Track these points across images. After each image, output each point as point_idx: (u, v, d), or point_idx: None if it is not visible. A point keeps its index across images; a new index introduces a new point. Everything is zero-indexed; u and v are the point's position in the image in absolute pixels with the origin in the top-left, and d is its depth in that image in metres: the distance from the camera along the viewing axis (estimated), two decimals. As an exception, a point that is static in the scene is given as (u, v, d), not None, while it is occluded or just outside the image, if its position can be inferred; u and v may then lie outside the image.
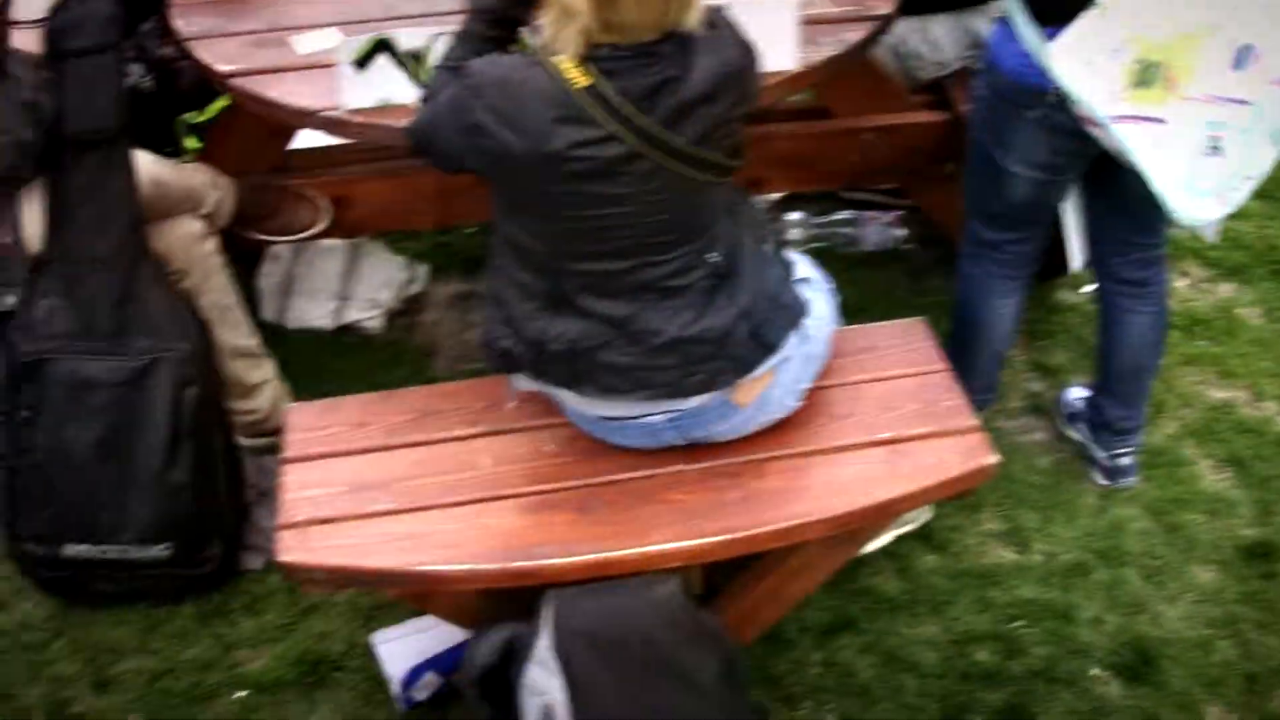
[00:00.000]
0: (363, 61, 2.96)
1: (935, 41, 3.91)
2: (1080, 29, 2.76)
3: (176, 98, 3.57)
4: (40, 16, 3.01)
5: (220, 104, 3.74)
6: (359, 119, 3.00)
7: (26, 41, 2.99)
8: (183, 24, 3.31)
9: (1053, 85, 2.83)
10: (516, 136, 2.36)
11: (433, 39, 2.94)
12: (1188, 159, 2.76)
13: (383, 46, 2.96)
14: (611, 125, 2.35)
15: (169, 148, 3.64)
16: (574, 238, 2.49)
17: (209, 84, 3.31)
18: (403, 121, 2.65)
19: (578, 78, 2.34)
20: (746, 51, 2.47)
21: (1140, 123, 2.76)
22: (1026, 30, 2.89)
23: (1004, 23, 3.00)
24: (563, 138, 2.35)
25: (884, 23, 3.36)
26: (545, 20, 2.39)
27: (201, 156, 3.65)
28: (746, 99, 2.49)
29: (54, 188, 3.04)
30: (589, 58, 2.35)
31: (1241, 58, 2.73)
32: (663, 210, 2.46)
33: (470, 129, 2.40)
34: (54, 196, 3.05)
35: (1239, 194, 2.82)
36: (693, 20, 2.38)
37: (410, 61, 2.97)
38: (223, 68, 3.16)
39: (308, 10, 3.36)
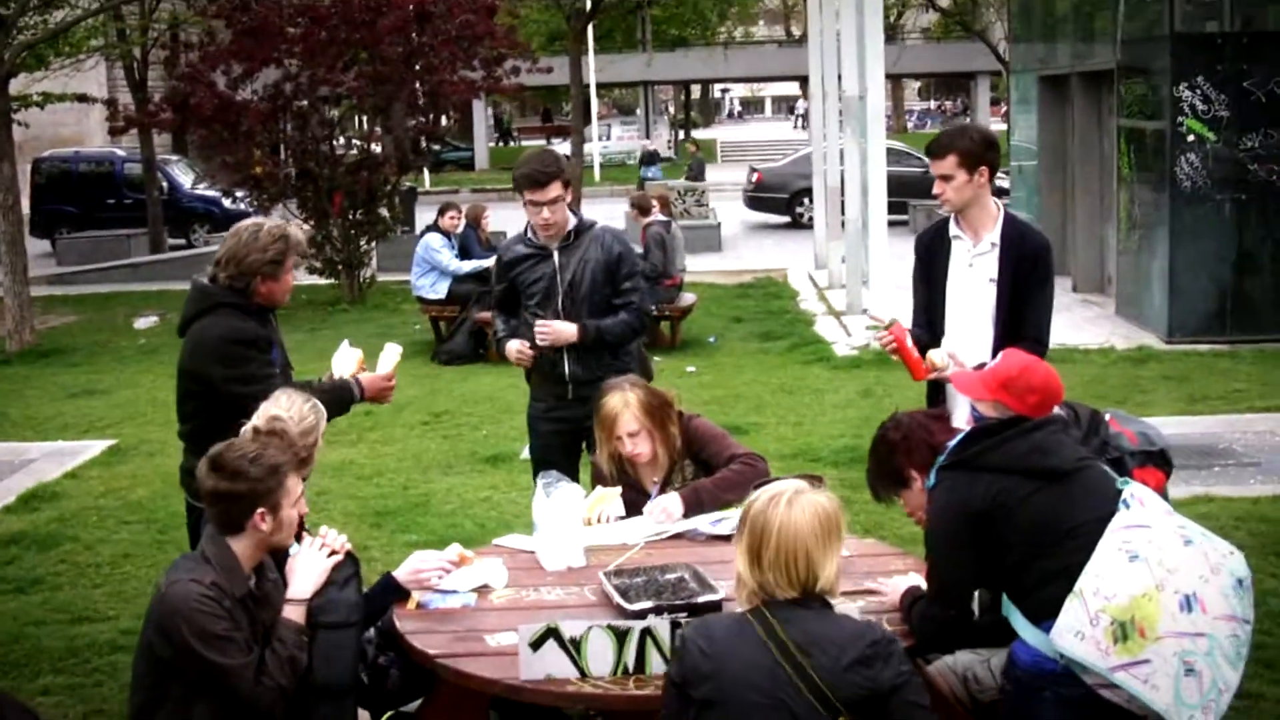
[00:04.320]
0: (536, 644, 4.00)
1: (996, 669, 4.75)
2: (1066, 614, 3.79)
3: (384, 695, 4.60)
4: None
5: None
6: (530, 686, 4.00)
7: (293, 613, 4.12)
8: (402, 624, 4.41)
9: (1060, 663, 3.78)
10: None
11: (587, 630, 3.99)
12: (1172, 682, 3.73)
13: (551, 633, 4.01)
14: None
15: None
16: None
17: (410, 684, 4.37)
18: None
19: None
20: None
21: (1131, 668, 3.71)
22: (1028, 631, 3.89)
23: (1019, 639, 4.00)
24: None
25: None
26: None
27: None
28: None
29: (292, 727, 4.06)
30: None
31: (1188, 603, 3.72)
32: None
33: None
34: (294, 735, 4.06)
35: (1219, 703, 3.78)
36: None
37: (571, 646, 4.00)
38: (432, 651, 4.22)
39: (498, 619, 4.45)
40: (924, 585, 4.45)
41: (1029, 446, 4.13)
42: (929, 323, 5.94)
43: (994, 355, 5.18)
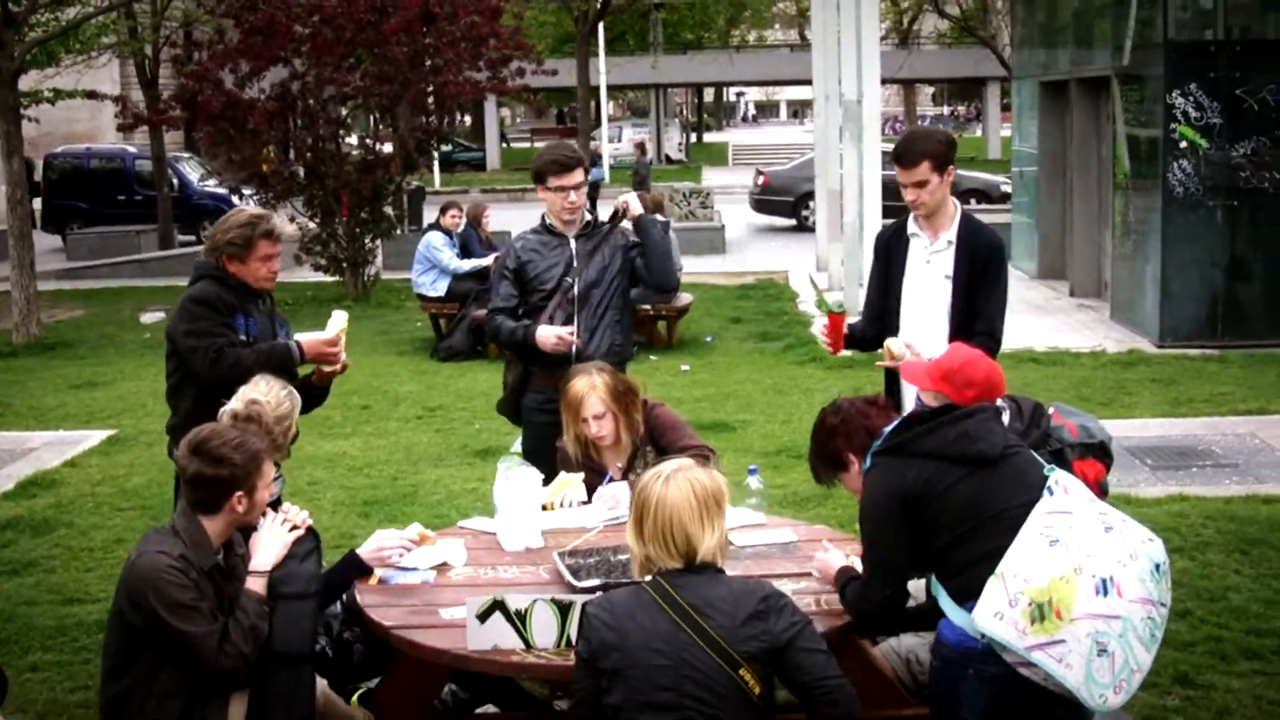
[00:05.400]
0: (484, 616, 4.19)
1: None
2: (987, 595, 3.96)
3: (350, 669, 4.80)
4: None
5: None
6: (476, 656, 4.19)
7: (255, 584, 4.32)
8: (362, 598, 4.61)
9: (981, 642, 3.96)
10: None
11: (532, 603, 4.18)
12: (1084, 662, 3.89)
13: (498, 606, 4.20)
14: None
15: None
16: None
17: (375, 660, 4.56)
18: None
19: None
20: None
21: (1047, 647, 3.89)
22: (953, 611, 4.06)
23: (946, 617, 4.18)
24: None
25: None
26: None
27: (369, 703, 4.81)
28: None
29: (253, 693, 4.24)
30: None
31: (1104, 587, 3.88)
32: None
33: None
34: (253, 700, 4.24)
35: (1131, 683, 3.95)
36: None
37: (516, 619, 4.19)
38: (387, 623, 4.43)
39: (453, 595, 4.65)
40: (857, 565, 4.63)
41: (958, 433, 4.29)
42: (878, 317, 6.12)
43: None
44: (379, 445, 11.05)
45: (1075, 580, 3.95)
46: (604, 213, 6.78)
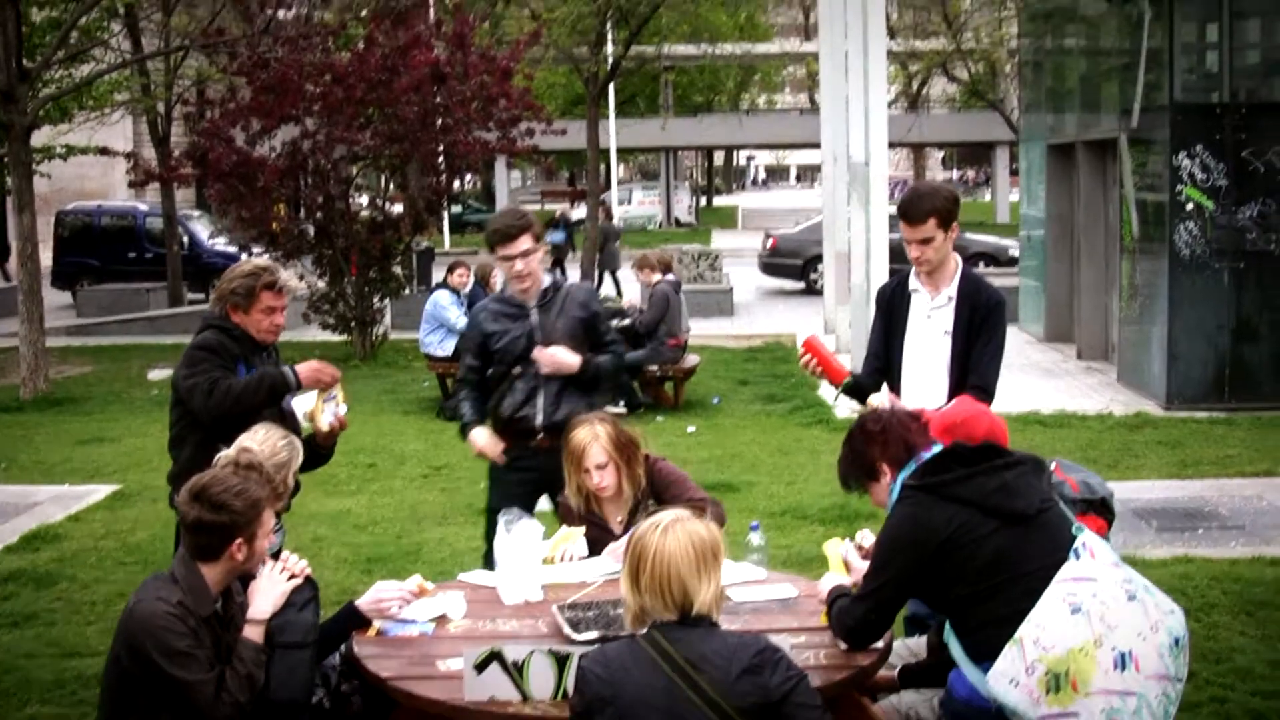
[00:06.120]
0: (481, 667, 4.17)
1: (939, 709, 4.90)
2: (1003, 660, 3.93)
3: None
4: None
5: None
6: (473, 707, 4.17)
7: (253, 632, 4.31)
8: (360, 649, 4.59)
9: (993, 703, 3.94)
10: None
11: (530, 654, 4.16)
12: None
13: (495, 656, 4.18)
14: None
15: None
16: None
17: (372, 711, 4.54)
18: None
19: None
20: None
21: (1060, 718, 3.84)
22: (968, 667, 4.04)
23: (958, 669, 4.16)
24: None
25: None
26: None
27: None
28: None
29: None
30: None
31: (1123, 661, 3.86)
32: None
33: None
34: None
35: None
36: None
37: (513, 669, 4.17)
38: (385, 674, 4.41)
39: (451, 646, 4.62)
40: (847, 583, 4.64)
41: (997, 485, 4.26)
42: (880, 370, 6.13)
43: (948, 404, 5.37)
44: (384, 503, 11.04)
45: (1095, 653, 3.92)
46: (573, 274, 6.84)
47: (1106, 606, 4.00)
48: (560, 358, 6.59)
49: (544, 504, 6.75)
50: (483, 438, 6.79)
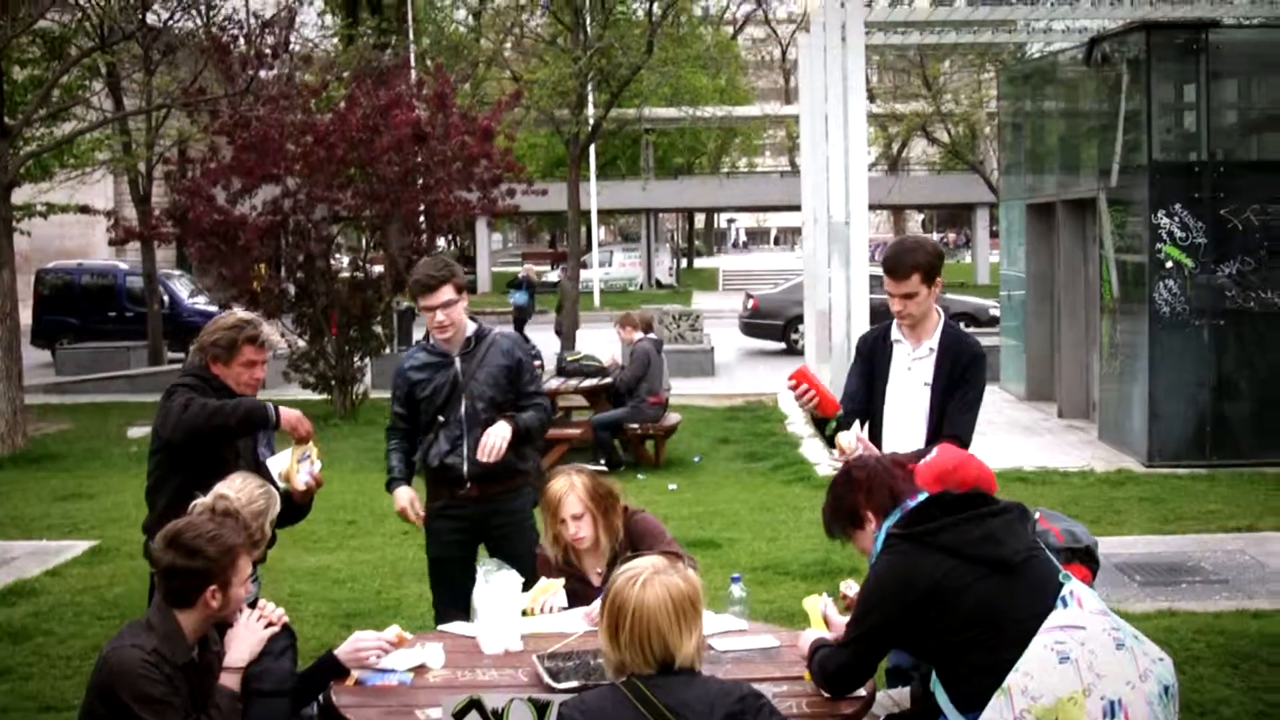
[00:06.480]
0: (459, 715, 4.12)
1: None
2: (991, 710, 3.90)
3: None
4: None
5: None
6: (452, 761, 4.12)
7: (229, 680, 4.26)
8: (338, 699, 4.53)
9: None
10: None
11: (509, 702, 4.10)
12: None
13: (474, 705, 4.12)
14: None
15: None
16: None
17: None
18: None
19: None
20: None
21: None
22: (954, 715, 4.01)
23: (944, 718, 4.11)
24: None
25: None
26: None
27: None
28: None
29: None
30: None
31: (1112, 710, 3.83)
32: None
33: None
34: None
35: None
36: None
37: (493, 718, 4.11)
38: (362, 726, 4.36)
39: (429, 696, 4.56)
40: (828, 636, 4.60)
41: (983, 533, 4.23)
42: (857, 413, 6.12)
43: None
44: (363, 560, 10.96)
45: (1084, 702, 3.89)
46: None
47: (1095, 655, 3.97)
48: (491, 442, 6.54)
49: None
50: (404, 497, 6.84)
